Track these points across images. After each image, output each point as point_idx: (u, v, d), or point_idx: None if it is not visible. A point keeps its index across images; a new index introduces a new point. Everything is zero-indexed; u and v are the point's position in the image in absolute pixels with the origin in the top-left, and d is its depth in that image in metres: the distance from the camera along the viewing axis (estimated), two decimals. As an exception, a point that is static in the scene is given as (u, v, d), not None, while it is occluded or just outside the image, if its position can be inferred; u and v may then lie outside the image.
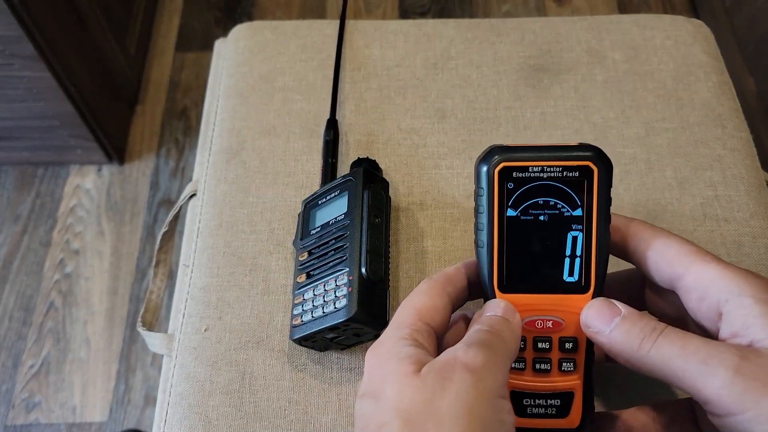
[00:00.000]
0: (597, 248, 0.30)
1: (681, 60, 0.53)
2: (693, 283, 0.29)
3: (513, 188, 0.30)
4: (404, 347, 0.28)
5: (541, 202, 0.30)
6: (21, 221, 1.20)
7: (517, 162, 0.30)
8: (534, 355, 0.31)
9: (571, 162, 0.30)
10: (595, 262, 0.30)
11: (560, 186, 0.30)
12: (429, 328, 0.30)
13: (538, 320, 0.31)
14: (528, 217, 0.30)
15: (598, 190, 0.30)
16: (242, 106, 0.52)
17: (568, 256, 0.30)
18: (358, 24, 0.56)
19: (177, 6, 1.46)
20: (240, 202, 0.47)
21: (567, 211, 0.30)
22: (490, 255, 0.30)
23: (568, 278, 0.30)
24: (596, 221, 0.30)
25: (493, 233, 0.30)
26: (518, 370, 0.31)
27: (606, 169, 0.30)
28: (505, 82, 0.52)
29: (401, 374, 0.27)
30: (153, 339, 0.46)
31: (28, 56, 0.97)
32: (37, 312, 1.11)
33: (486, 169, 0.30)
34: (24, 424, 1.02)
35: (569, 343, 0.31)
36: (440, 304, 0.31)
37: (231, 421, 0.40)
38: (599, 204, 0.30)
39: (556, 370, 0.31)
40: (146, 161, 1.26)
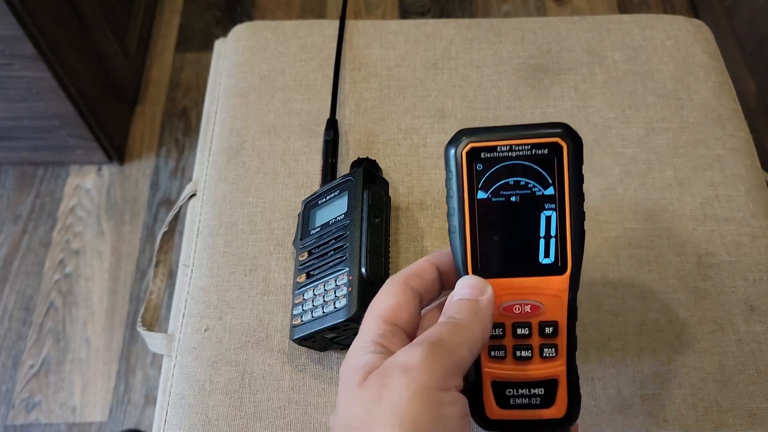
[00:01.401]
0: (572, 227, 0.29)
1: (681, 60, 0.53)
2: None
3: (482, 169, 0.29)
4: (363, 356, 0.28)
5: (511, 183, 0.29)
6: (21, 221, 1.20)
7: (485, 142, 0.29)
8: (514, 342, 0.30)
9: (540, 139, 0.29)
10: (570, 242, 0.29)
11: (530, 165, 0.29)
12: (395, 328, 0.29)
13: (516, 305, 0.30)
14: (499, 199, 0.29)
15: (569, 168, 0.29)
16: (242, 106, 0.52)
17: (543, 237, 0.29)
18: (358, 24, 0.56)
19: (177, 6, 1.46)
20: (240, 202, 0.47)
21: (539, 190, 0.29)
22: (463, 240, 0.30)
23: (544, 260, 0.30)
24: (569, 199, 0.29)
25: (464, 217, 0.29)
26: (498, 358, 0.30)
27: (575, 146, 0.29)
28: (505, 82, 0.52)
29: (349, 387, 0.27)
30: (153, 339, 0.46)
31: (28, 56, 0.97)
32: (37, 312, 1.11)
33: (454, 151, 0.29)
34: (24, 424, 1.02)
35: (549, 327, 0.30)
36: (404, 300, 0.30)
37: (231, 421, 0.40)
38: (571, 182, 0.29)
39: (538, 357, 0.30)
40: (146, 161, 1.26)
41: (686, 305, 0.43)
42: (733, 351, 0.41)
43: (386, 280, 0.31)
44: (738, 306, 0.43)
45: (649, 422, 0.39)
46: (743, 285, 0.43)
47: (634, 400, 0.40)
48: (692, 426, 0.39)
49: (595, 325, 0.42)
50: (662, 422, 0.39)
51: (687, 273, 0.44)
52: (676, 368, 0.41)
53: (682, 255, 0.44)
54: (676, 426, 0.39)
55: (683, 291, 0.43)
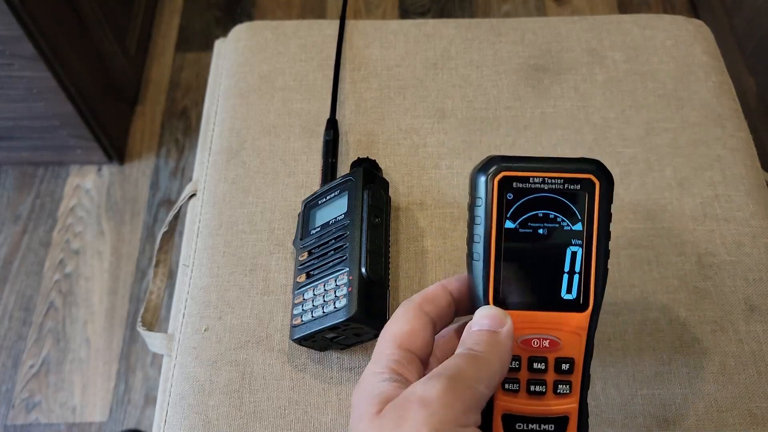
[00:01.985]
0: (597, 265, 0.29)
1: (681, 60, 0.53)
2: None
3: (512, 199, 0.29)
4: (378, 383, 0.27)
5: (540, 215, 0.29)
6: (21, 221, 1.20)
7: (518, 172, 0.29)
8: (529, 376, 0.29)
9: (573, 174, 0.29)
10: (594, 279, 0.29)
11: (561, 199, 0.29)
12: (410, 355, 0.28)
13: (534, 339, 0.29)
14: (527, 230, 0.29)
15: (600, 205, 0.29)
16: (242, 106, 0.52)
17: (567, 272, 0.29)
18: (358, 24, 0.56)
19: (177, 6, 1.46)
20: (240, 202, 0.47)
21: (567, 225, 0.29)
22: (486, 268, 0.29)
23: (566, 295, 0.29)
24: (597, 236, 0.29)
25: (490, 245, 0.29)
26: (512, 391, 0.29)
27: (608, 183, 0.29)
28: (505, 82, 0.52)
29: (367, 416, 0.26)
30: (153, 339, 0.46)
31: (28, 56, 0.97)
32: (37, 312, 1.11)
33: (485, 178, 0.29)
34: (24, 424, 1.02)
35: (566, 363, 0.29)
36: (418, 326, 0.29)
37: (231, 421, 0.40)
38: (600, 219, 0.29)
39: (551, 393, 0.29)
40: (146, 161, 1.26)
41: (686, 305, 0.43)
42: (733, 351, 0.41)
43: (400, 305, 0.31)
44: (738, 306, 0.43)
45: (649, 422, 0.39)
46: (743, 285, 0.43)
47: (634, 400, 0.40)
48: (692, 426, 0.39)
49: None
50: (662, 422, 0.39)
51: (687, 273, 0.44)
52: (676, 368, 0.41)
53: (682, 255, 0.44)
54: (676, 426, 0.39)
55: (683, 291, 0.43)
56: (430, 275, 0.44)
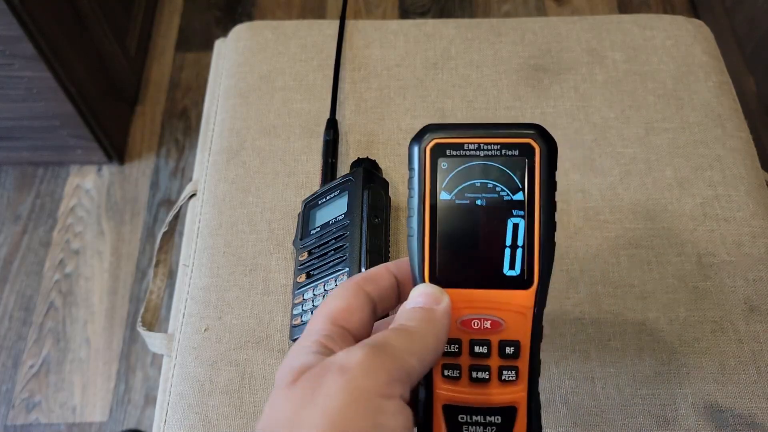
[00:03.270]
0: (541, 238, 0.26)
1: (681, 60, 0.53)
2: None
3: (447, 168, 0.27)
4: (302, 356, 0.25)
5: (478, 185, 0.27)
6: (21, 221, 1.20)
7: (452, 139, 0.27)
8: (470, 361, 0.27)
9: (511, 139, 0.26)
10: (538, 254, 0.26)
11: (499, 166, 0.27)
12: (343, 331, 0.26)
13: (475, 319, 0.27)
14: (464, 201, 0.27)
15: (541, 172, 0.26)
16: (242, 106, 0.52)
17: (509, 246, 0.27)
18: (358, 24, 0.56)
19: (177, 6, 1.46)
20: (240, 202, 0.47)
21: (507, 194, 0.27)
22: (421, 244, 0.27)
23: (509, 271, 0.27)
24: (539, 207, 0.26)
25: (424, 219, 0.27)
26: (453, 379, 0.27)
27: (549, 149, 0.27)
28: (505, 82, 0.52)
29: (279, 386, 0.24)
30: (153, 339, 0.46)
31: (28, 56, 0.97)
32: (37, 312, 1.11)
33: (417, 147, 0.27)
34: (24, 424, 1.02)
35: (510, 347, 0.27)
36: (356, 304, 0.27)
37: (231, 421, 0.40)
38: (543, 188, 0.26)
39: (496, 380, 0.27)
40: (146, 161, 1.26)
41: (686, 305, 0.43)
42: (733, 351, 0.41)
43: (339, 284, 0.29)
44: (738, 306, 0.43)
45: (649, 422, 0.39)
46: (743, 285, 0.43)
47: (634, 399, 0.40)
48: (692, 426, 0.39)
49: (595, 325, 0.42)
50: (662, 422, 0.39)
51: (687, 273, 0.44)
52: (676, 368, 0.41)
53: (682, 255, 0.44)
54: (676, 426, 0.39)
55: (683, 291, 0.43)
56: (430, 275, 0.44)
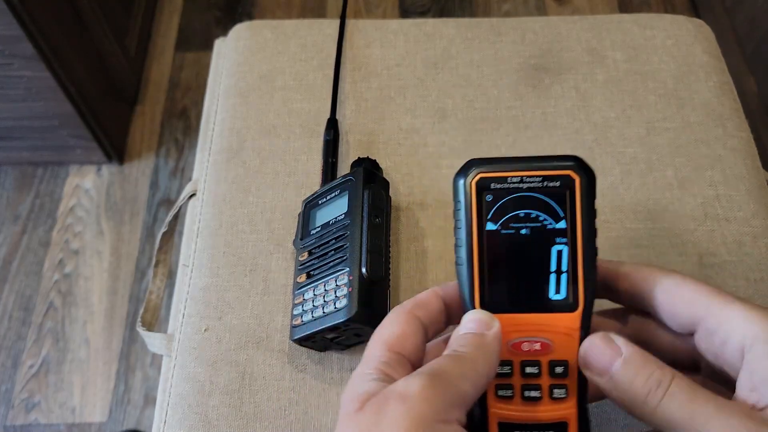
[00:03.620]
0: (584, 263, 0.28)
1: (682, 60, 0.53)
2: (715, 326, 0.27)
3: (492, 200, 0.29)
4: (365, 383, 0.27)
5: (522, 215, 0.29)
6: (20, 221, 1.20)
7: (495, 173, 0.29)
8: (522, 381, 0.29)
9: (551, 171, 0.28)
10: (582, 278, 0.28)
11: (541, 197, 0.28)
12: (400, 357, 0.28)
13: (525, 342, 0.29)
14: (509, 231, 0.29)
15: (582, 201, 0.28)
16: (242, 106, 0.52)
17: (554, 272, 0.29)
18: (358, 23, 0.56)
19: (177, 6, 1.46)
20: (240, 202, 0.47)
21: (550, 223, 0.28)
22: (470, 272, 0.29)
23: (554, 296, 0.29)
24: (581, 233, 0.28)
25: (472, 249, 0.29)
26: (506, 398, 0.29)
27: (588, 179, 0.28)
28: (506, 81, 0.52)
29: (347, 414, 0.26)
30: (153, 339, 0.46)
31: (27, 56, 0.97)
32: (37, 312, 1.11)
33: (462, 181, 0.29)
34: (23, 425, 1.02)
35: (560, 366, 0.28)
36: (409, 331, 0.29)
37: (231, 422, 0.39)
38: (583, 215, 0.28)
39: (547, 398, 0.28)
40: (146, 161, 1.26)
41: (687, 305, 0.43)
42: (734, 351, 0.41)
43: (391, 310, 0.30)
44: (739, 306, 0.42)
45: (650, 422, 0.39)
46: (744, 285, 0.43)
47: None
48: (693, 426, 0.39)
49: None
50: (663, 422, 0.39)
51: (688, 273, 0.43)
52: (677, 368, 0.41)
53: (683, 255, 0.44)
54: (677, 426, 0.39)
55: (684, 291, 0.43)
56: (430, 275, 0.44)
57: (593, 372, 0.28)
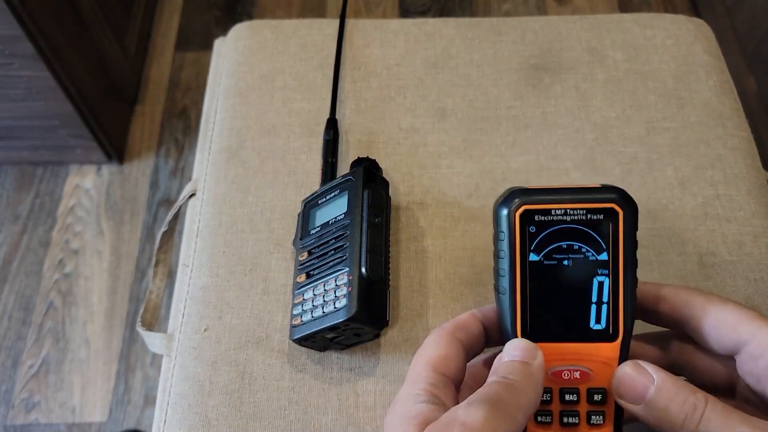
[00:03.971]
0: (624, 294, 0.29)
1: (682, 59, 0.53)
2: (761, 351, 0.28)
3: (535, 232, 0.29)
4: (415, 405, 0.27)
5: (564, 246, 0.29)
6: (20, 221, 1.20)
7: (539, 205, 0.29)
8: (561, 407, 0.29)
9: (595, 204, 0.29)
10: (622, 309, 0.29)
11: (584, 229, 0.29)
12: (445, 379, 0.29)
13: (565, 370, 0.29)
14: (551, 262, 0.29)
15: (624, 233, 0.29)
16: (242, 106, 0.52)
17: (595, 303, 0.29)
18: (358, 23, 0.56)
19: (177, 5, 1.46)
20: (240, 202, 0.47)
21: (592, 255, 0.29)
22: (513, 302, 0.29)
23: (595, 326, 0.29)
24: (623, 265, 0.29)
25: (515, 279, 0.29)
26: (545, 424, 0.29)
27: (631, 211, 0.29)
28: (506, 81, 0.52)
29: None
30: (152, 339, 0.46)
31: (27, 56, 0.97)
32: (37, 312, 1.11)
33: (506, 212, 0.29)
34: (24, 424, 1.02)
35: (598, 394, 0.29)
36: (452, 353, 0.29)
37: (231, 421, 0.39)
38: (625, 247, 0.29)
39: (585, 424, 0.29)
40: (146, 161, 1.26)
41: (687, 305, 0.42)
42: (734, 351, 0.41)
43: (432, 331, 0.31)
44: (739, 306, 0.42)
45: (650, 422, 0.39)
46: (744, 284, 0.43)
47: None
48: (693, 426, 0.39)
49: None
50: (663, 422, 0.39)
51: (688, 272, 0.44)
52: (677, 368, 0.41)
53: (683, 254, 0.44)
54: (677, 426, 0.39)
55: (684, 291, 0.43)
56: (430, 275, 0.44)
57: (628, 401, 0.28)
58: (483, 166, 0.48)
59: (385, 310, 0.39)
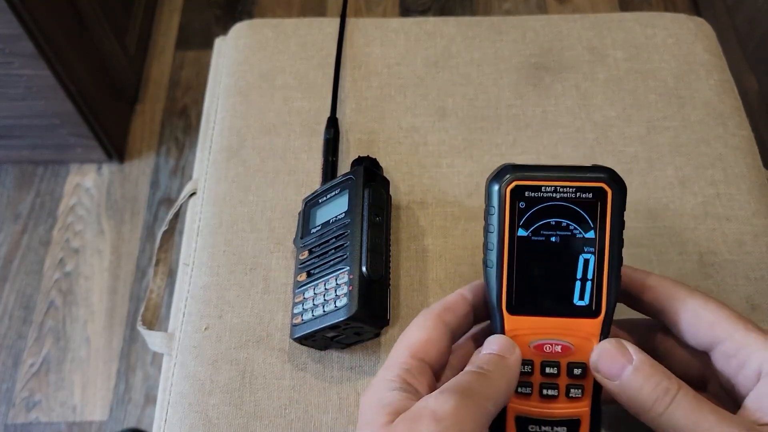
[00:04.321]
0: (609, 272, 0.30)
1: (682, 58, 0.53)
2: (734, 350, 0.28)
3: (525, 208, 0.30)
4: (388, 392, 0.28)
5: (553, 223, 0.30)
6: (21, 220, 1.20)
7: (530, 181, 0.29)
8: (541, 379, 0.30)
9: (585, 183, 0.29)
10: (606, 287, 0.30)
11: (573, 207, 0.29)
12: (422, 364, 0.29)
13: (547, 344, 0.30)
14: (539, 238, 0.30)
15: (612, 213, 0.29)
16: (242, 105, 0.52)
17: (579, 279, 0.30)
18: (358, 22, 0.56)
19: (177, 4, 1.46)
20: (240, 201, 0.47)
21: (579, 233, 0.30)
22: (499, 275, 0.30)
23: (578, 302, 0.30)
24: (609, 244, 0.29)
25: (503, 253, 0.30)
26: (524, 395, 0.30)
27: (620, 192, 0.29)
28: (506, 80, 0.52)
29: (375, 425, 0.27)
30: (153, 338, 0.46)
31: (28, 55, 0.97)
32: (38, 311, 1.11)
33: (498, 187, 0.30)
34: (24, 423, 1.02)
35: (578, 368, 0.30)
36: (435, 336, 0.30)
37: (231, 420, 0.39)
38: (612, 227, 0.29)
39: (564, 396, 0.30)
40: (146, 160, 1.26)
41: (688, 304, 0.43)
42: (734, 350, 0.41)
43: (420, 313, 0.31)
44: (739, 304, 0.43)
45: (650, 421, 0.39)
46: (744, 283, 0.43)
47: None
48: (694, 425, 0.39)
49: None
50: (664, 421, 0.39)
51: (688, 271, 0.44)
52: (677, 367, 0.41)
53: (683, 253, 0.44)
54: (677, 425, 0.39)
55: (685, 290, 0.43)
56: (430, 274, 0.44)
57: (604, 375, 0.29)
58: (483, 165, 0.48)
59: (385, 309, 0.39)
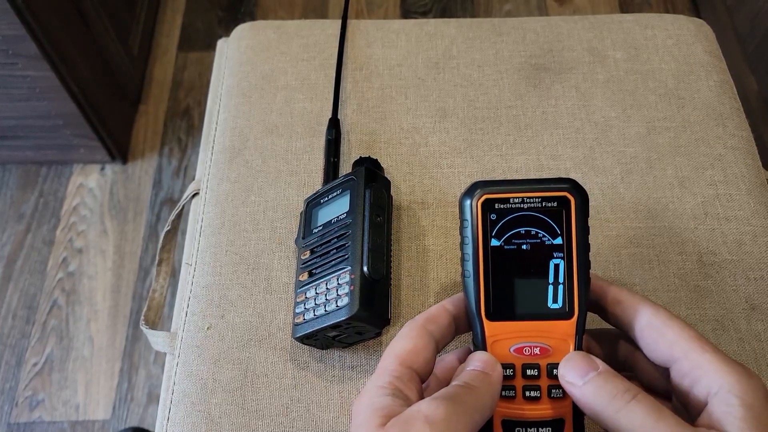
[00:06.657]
0: (578, 275, 0.31)
1: (682, 59, 0.53)
2: (687, 369, 0.29)
3: (496, 219, 0.31)
4: (380, 397, 0.29)
5: (523, 232, 0.31)
6: (24, 220, 1.20)
7: (499, 194, 0.31)
8: (523, 382, 0.31)
9: (549, 192, 0.31)
10: (577, 289, 0.31)
11: (540, 216, 0.31)
12: (411, 372, 0.30)
13: (526, 347, 0.31)
14: (511, 247, 0.32)
15: (576, 219, 0.31)
16: (245, 106, 0.52)
17: (552, 283, 0.31)
18: (360, 23, 0.56)
19: (180, 5, 1.46)
20: (242, 201, 0.48)
21: (548, 239, 0.31)
22: (477, 284, 0.31)
23: (552, 305, 0.31)
24: (576, 248, 0.31)
25: (478, 263, 0.31)
26: (509, 398, 0.31)
27: (582, 199, 0.31)
28: (507, 81, 0.52)
29: (369, 427, 0.27)
30: (156, 337, 0.47)
31: (31, 56, 0.97)
32: (41, 310, 1.12)
33: (469, 202, 0.32)
34: (27, 422, 1.03)
35: (557, 369, 0.31)
36: (421, 345, 0.31)
37: (233, 419, 0.40)
38: (578, 232, 0.31)
39: (546, 397, 0.31)
40: (149, 160, 1.26)
41: (687, 304, 0.43)
42: (734, 350, 0.41)
43: (405, 324, 0.32)
44: (739, 305, 0.43)
45: (649, 420, 0.40)
46: (744, 283, 0.43)
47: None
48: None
49: (597, 324, 0.42)
50: (663, 420, 0.40)
51: (688, 272, 0.44)
52: (676, 366, 0.41)
53: (683, 254, 0.44)
54: (676, 424, 0.39)
55: (684, 290, 0.43)
56: (431, 273, 0.44)
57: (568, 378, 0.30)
58: (484, 166, 0.48)
59: (386, 308, 0.40)
